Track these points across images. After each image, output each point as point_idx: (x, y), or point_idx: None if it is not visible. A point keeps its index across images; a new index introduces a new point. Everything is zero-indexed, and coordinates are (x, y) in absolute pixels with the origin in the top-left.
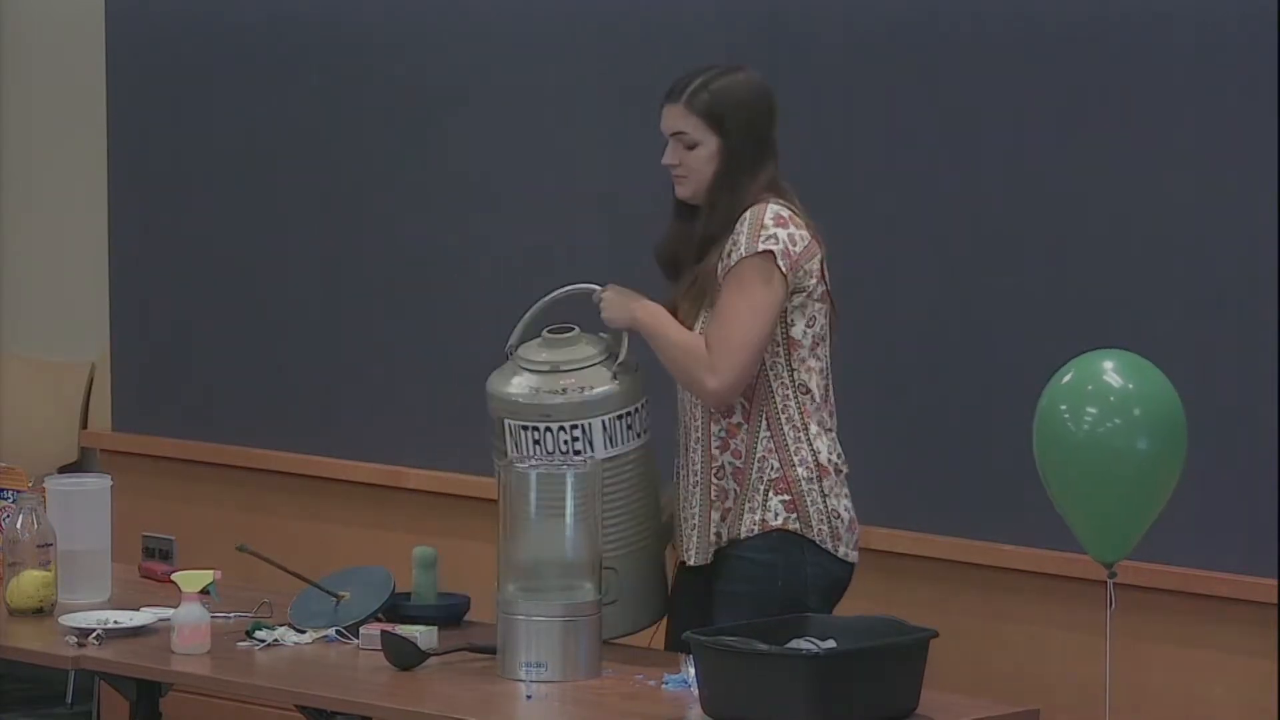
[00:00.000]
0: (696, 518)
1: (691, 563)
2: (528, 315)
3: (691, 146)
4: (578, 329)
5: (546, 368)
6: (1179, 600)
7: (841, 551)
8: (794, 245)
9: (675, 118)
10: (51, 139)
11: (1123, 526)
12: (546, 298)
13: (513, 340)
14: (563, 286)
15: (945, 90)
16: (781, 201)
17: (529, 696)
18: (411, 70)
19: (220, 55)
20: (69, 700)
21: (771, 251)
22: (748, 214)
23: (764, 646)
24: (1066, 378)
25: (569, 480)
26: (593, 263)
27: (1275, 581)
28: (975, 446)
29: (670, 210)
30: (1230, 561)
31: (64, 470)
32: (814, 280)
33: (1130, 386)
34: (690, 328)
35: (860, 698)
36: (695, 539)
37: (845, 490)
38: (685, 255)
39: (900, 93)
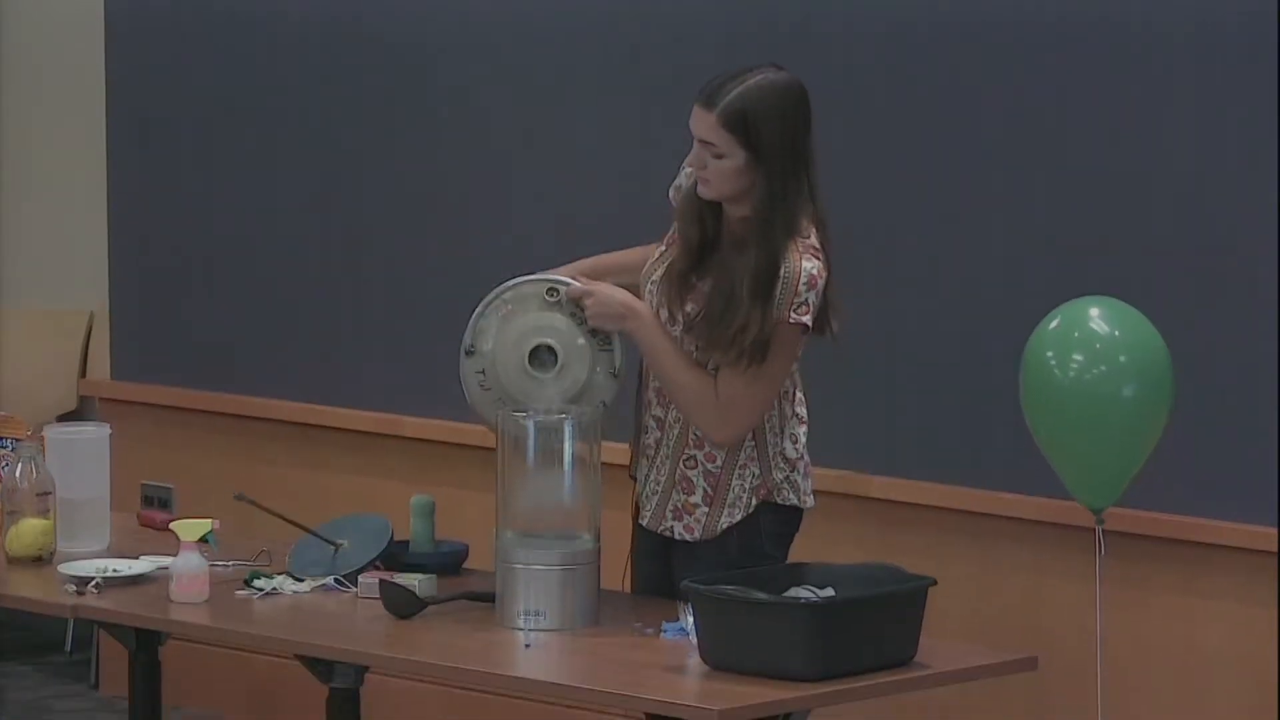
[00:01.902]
0: (661, 486)
1: (644, 524)
2: (481, 309)
3: (719, 156)
4: (555, 347)
5: (543, 406)
6: (1176, 548)
7: (796, 500)
8: (818, 300)
9: (705, 127)
10: (50, 87)
11: (1110, 473)
12: (503, 291)
13: (469, 340)
14: (516, 277)
15: (942, 37)
16: (812, 243)
17: (528, 645)
18: (411, 24)
19: (220, 4)
20: (68, 648)
21: (804, 323)
22: (783, 267)
23: (762, 595)
24: (1053, 324)
25: (567, 429)
26: (593, 215)
27: (1274, 529)
28: (970, 393)
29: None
30: (1228, 509)
31: (63, 419)
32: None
33: (1116, 333)
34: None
35: (859, 646)
36: (654, 504)
37: (803, 440)
38: (710, 227)
39: (901, 33)
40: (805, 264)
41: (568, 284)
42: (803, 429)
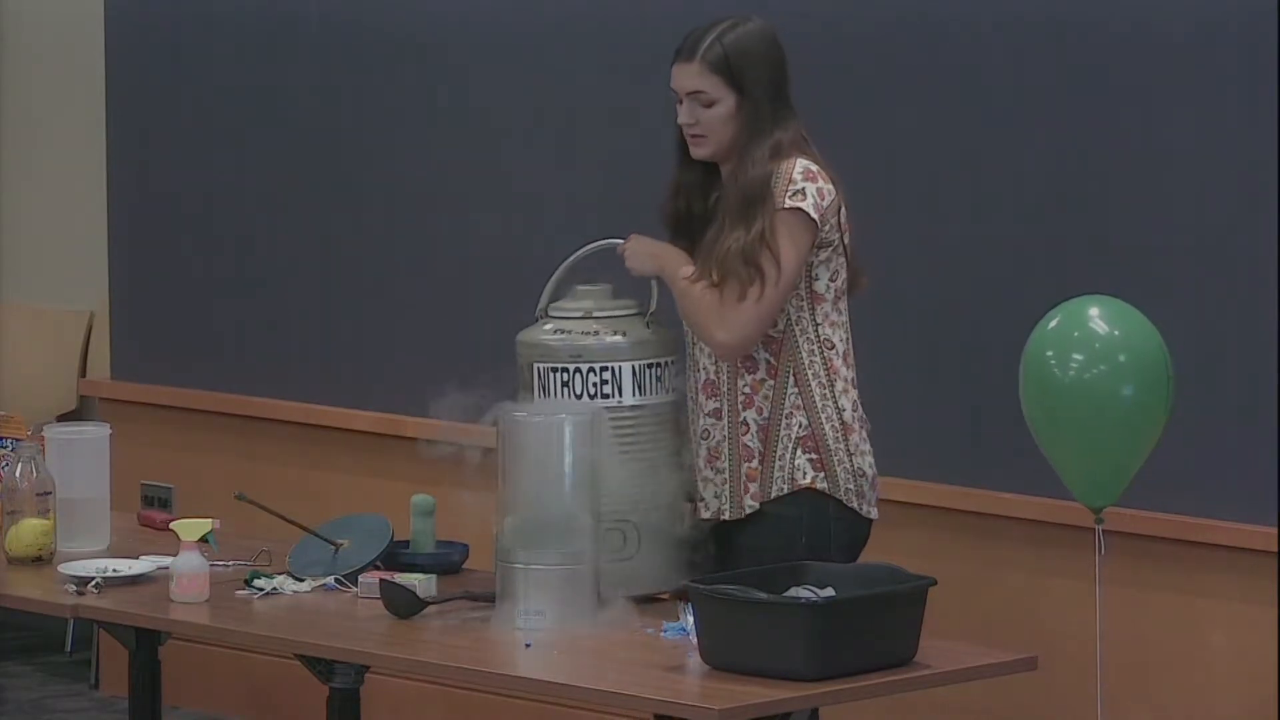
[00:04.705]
0: (728, 471)
1: (727, 517)
2: (555, 276)
3: (709, 105)
4: (611, 285)
5: (579, 313)
6: (1176, 548)
7: (864, 509)
8: (822, 200)
9: (690, 77)
10: (50, 87)
11: (1110, 472)
12: (571, 257)
13: (542, 303)
14: (586, 245)
15: (944, 34)
16: (809, 157)
17: (528, 645)
18: (410, 16)
19: (221, 5)
20: (68, 648)
21: (800, 208)
22: (780, 168)
23: (763, 595)
24: (1052, 323)
25: (567, 429)
26: (594, 210)
27: (1274, 529)
28: (974, 393)
29: (674, 164)
30: (1228, 509)
31: (63, 419)
32: (836, 234)
33: (1116, 333)
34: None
35: (859, 646)
36: (728, 493)
37: (868, 446)
38: (696, 207)
39: (899, 33)
40: (800, 160)
41: (617, 243)
42: (855, 394)
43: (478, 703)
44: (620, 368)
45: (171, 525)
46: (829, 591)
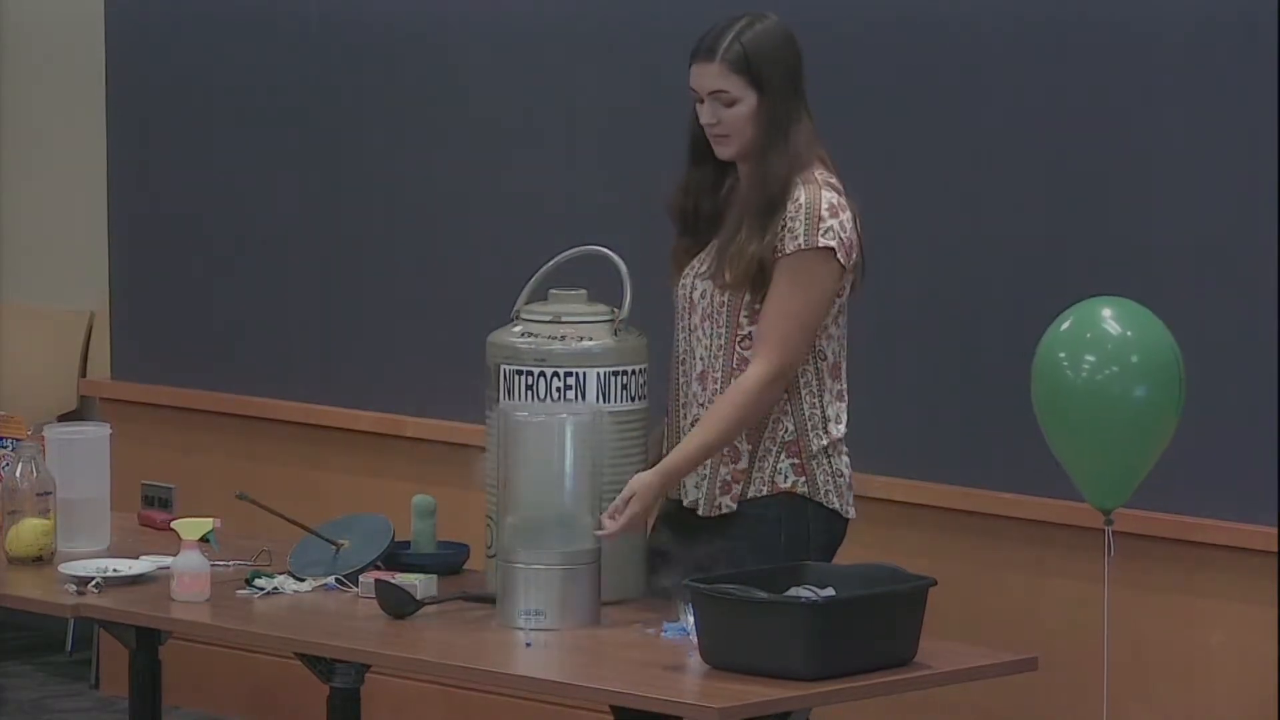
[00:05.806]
0: (707, 467)
1: (700, 512)
2: (534, 278)
3: (730, 104)
4: (585, 291)
5: (548, 318)
6: (1176, 548)
7: (843, 508)
8: (846, 232)
9: (711, 77)
10: (50, 87)
11: (1120, 473)
12: (552, 261)
13: (518, 304)
14: (571, 248)
15: (944, 34)
16: (830, 179)
17: (528, 644)
18: (410, 15)
19: (220, 4)
20: (69, 648)
21: (831, 247)
22: (802, 195)
23: (763, 594)
24: (1065, 325)
25: (568, 429)
26: (594, 210)
27: (1274, 529)
28: (974, 394)
29: (686, 161)
30: (1229, 509)
31: (63, 419)
32: (856, 256)
33: (1128, 334)
34: (741, 295)
35: (859, 646)
36: (705, 488)
37: (845, 449)
38: (705, 206)
39: (903, 31)
40: (825, 193)
41: (606, 253)
42: (843, 406)
43: (477, 702)
44: (585, 374)
45: (172, 525)
46: (829, 591)
